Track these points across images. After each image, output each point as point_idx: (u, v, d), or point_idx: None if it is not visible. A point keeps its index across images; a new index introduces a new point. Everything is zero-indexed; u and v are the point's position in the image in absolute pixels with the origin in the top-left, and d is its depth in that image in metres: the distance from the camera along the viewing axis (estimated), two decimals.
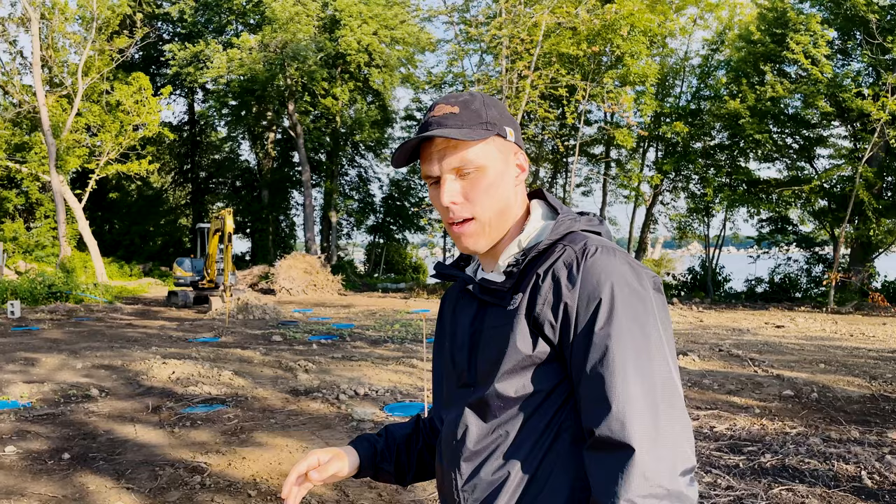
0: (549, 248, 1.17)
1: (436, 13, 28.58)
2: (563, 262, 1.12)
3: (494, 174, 1.20)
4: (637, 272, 1.12)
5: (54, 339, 11.41)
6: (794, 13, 21.30)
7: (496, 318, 1.19)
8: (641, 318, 1.08)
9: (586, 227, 1.22)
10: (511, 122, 1.25)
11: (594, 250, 1.12)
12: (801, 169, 24.81)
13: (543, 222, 1.25)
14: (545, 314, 1.11)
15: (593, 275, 1.10)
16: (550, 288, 1.12)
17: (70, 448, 5.24)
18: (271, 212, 36.56)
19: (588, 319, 1.08)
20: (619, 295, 1.08)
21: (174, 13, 32.74)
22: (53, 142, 24.06)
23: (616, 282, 1.09)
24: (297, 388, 7.52)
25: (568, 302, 1.10)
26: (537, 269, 1.15)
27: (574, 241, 1.16)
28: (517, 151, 1.25)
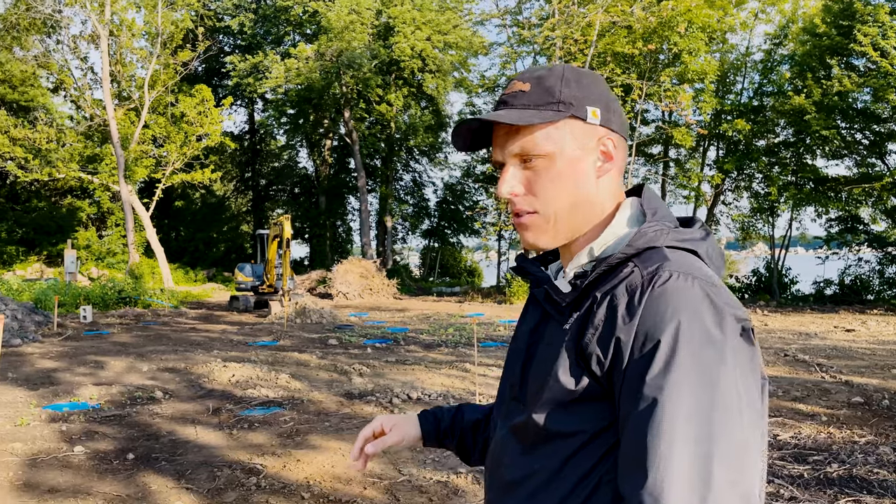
0: (620, 265, 0.98)
1: (488, 16, 28.62)
2: (626, 287, 0.93)
3: (564, 163, 1.03)
4: (718, 310, 0.89)
5: (123, 342, 11.88)
6: (861, 4, 20.44)
7: (552, 334, 1.04)
8: (710, 371, 0.85)
9: (678, 241, 0.99)
10: (601, 99, 1.05)
11: (666, 277, 0.91)
12: (871, 166, 23.75)
13: (627, 228, 1.04)
14: (593, 347, 0.94)
15: (658, 308, 0.89)
16: (605, 317, 0.94)
17: (134, 448, 5.44)
18: (328, 217, 37.23)
19: (641, 363, 0.88)
20: (684, 337, 0.86)
21: (234, 26, 33.74)
22: (122, 153, 25.11)
23: (685, 320, 0.87)
24: (351, 391, 7.62)
25: (621, 337, 0.90)
26: (598, 290, 0.97)
27: (649, 260, 0.95)
28: (603, 136, 1.05)
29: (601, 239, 1.04)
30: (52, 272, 28.88)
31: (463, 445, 1.37)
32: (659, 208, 1.05)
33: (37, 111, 31.09)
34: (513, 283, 23.44)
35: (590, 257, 1.05)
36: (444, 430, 1.37)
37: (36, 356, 10.06)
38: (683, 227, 1.04)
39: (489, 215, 29.79)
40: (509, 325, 14.83)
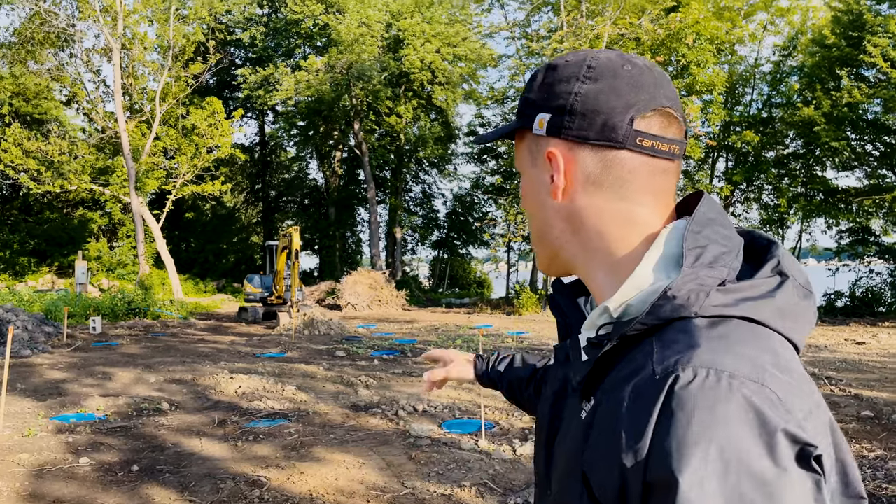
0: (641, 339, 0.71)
1: (497, 29, 28.76)
2: (633, 390, 0.66)
3: (526, 184, 0.86)
4: (768, 430, 0.60)
5: (131, 353, 11.94)
6: (870, 15, 20.40)
7: (570, 416, 0.81)
8: None
9: (724, 306, 0.69)
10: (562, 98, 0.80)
11: (688, 379, 0.63)
12: (882, 177, 23.60)
13: (654, 279, 0.75)
14: (594, 469, 0.69)
15: (678, 425, 0.61)
16: (607, 429, 0.68)
17: (139, 460, 5.46)
18: (338, 229, 37.37)
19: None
20: (720, 474, 0.59)
21: (245, 39, 34.08)
22: (133, 165, 25.35)
23: (722, 446, 0.59)
24: (357, 403, 7.62)
25: (626, 465, 0.64)
26: (609, 382, 0.72)
27: (669, 345, 0.67)
28: (548, 151, 0.80)
29: (620, 293, 0.75)
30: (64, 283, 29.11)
31: (513, 397, 1.42)
32: (709, 245, 0.74)
33: (50, 123, 31.47)
34: (522, 294, 23.40)
35: (608, 318, 0.77)
36: (491, 377, 1.44)
37: (45, 367, 10.13)
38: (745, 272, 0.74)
39: (499, 227, 29.79)
40: (517, 337, 14.80)
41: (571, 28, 22.58)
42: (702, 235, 0.74)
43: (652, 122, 0.78)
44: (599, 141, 0.78)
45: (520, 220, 24.34)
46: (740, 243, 0.77)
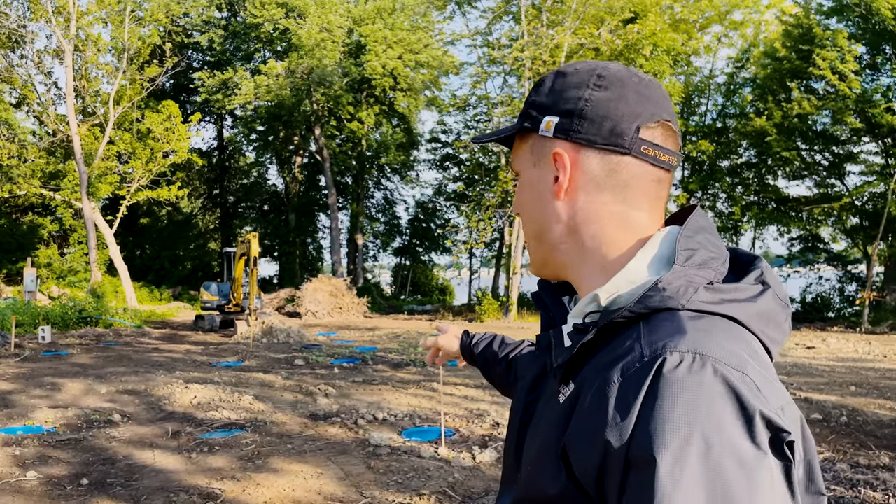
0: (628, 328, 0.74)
1: (459, 37, 28.93)
2: (621, 371, 0.69)
3: (525, 184, 0.89)
4: (750, 417, 0.63)
5: (82, 364, 11.59)
6: (820, 29, 21.11)
7: (547, 400, 0.83)
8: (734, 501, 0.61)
9: (709, 302, 0.74)
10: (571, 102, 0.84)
11: (675, 362, 0.67)
12: (831, 186, 24.42)
13: (647, 275, 0.79)
14: (577, 447, 0.71)
15: (661, 407, 0.64)
16: (593, 407, 0.70)
17: (89, 473, 5.29)
18: (298, 235, 36.98)
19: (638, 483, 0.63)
20: (699, 457, 0.62)
21: (203, 42, 33.56)
22: (85, 169, 24.68)
23: (702, 429, 0.63)
24: (316, 412, 7.52)
25: (611, 441, 0.66)
26: (594, 365, 0.75)
27: (657, 331, 0.71)
28: (560, 150, 0.84)
29: (611, 284, 0.80)
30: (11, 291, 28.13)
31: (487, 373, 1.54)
32: (699, 249, 0.78)
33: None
34: (483, 301, 23.48)
35: (596, 306, 0.80)
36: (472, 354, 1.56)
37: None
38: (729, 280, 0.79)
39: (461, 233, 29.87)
40: None
41: (532, 37, 22.82)
42: (694, 240, 0.80)
43: (655, 133, 0.84)
44: (606, 145, 0.83)
45: (481, 227, 24.45)
46: (727, 254, 0.83)
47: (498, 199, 24.52)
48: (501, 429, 6.75)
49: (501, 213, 25.24)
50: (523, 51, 22.79)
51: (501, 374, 1.45)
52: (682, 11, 24.73)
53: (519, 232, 23.74)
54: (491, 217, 24.62)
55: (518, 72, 24.68)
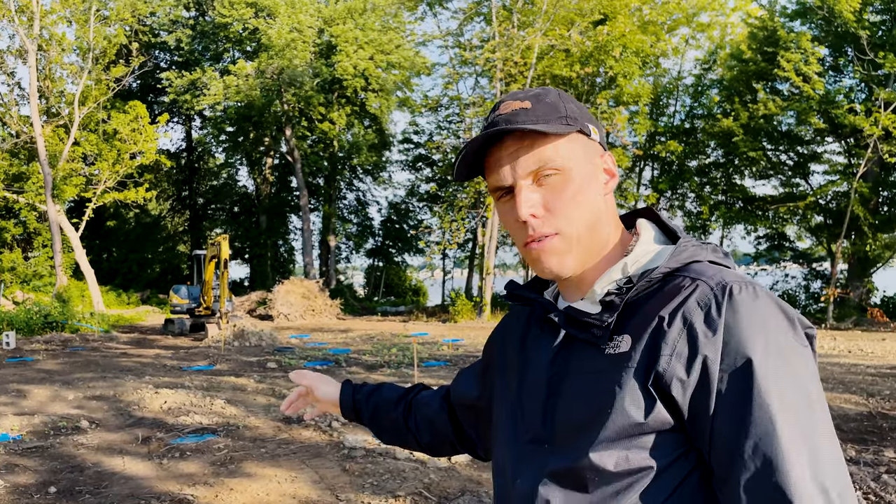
0: (668, 280, 0.92)
1: (430, 38, 28.92)
2: (698, 302, 0.87)
3: (581, 178, 0.97)
4: (792, 321, 0.87)
5: (48, 369, 11.34)
6: (784, 32, 21.53)
7: (589, 361, 0.94)
8: (805, 384, 0.84)
9: (715, 257, 0.96)
10: (593, 120, 1.02)
11: (738, 288, 0.87)
12: (796, 185, 24.93)
13: (657, 246, 0.99)
14: (675, 370, 0.86)
15: (741, 321, 0.85)
16: (682, 334, 0.86)
17: (57, 481, 5.18)
18: (269, 237, 36.62)
19: (739, 379, 0.83)
20: (774, 349, 0.84)
21: (171, 42, 33.08)
22: (50, 171, 24.15)
23: (771, 332, 0.85)
24: (289, 416, 7.46)
25: (708, 355, 0.84)
26: (659, 307, 0.90)
27: (705, 273, 0.91)
28: (603, 154, 1.02)
29: (633, 256, 0.97)
30: None
31: (376, 422, 1.40)
32: (681, 229, 1.02)
33: None
34: (457, 301, 23.50)
35: (623, 274, 0.96)
36: (358, 401, 1.40)
37: None
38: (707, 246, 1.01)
39: (434, 234, 29.87)
40: (453, 344, 14.83)
41: (503, 38, 22.92)
42: (673, 223, 1.03)
43: None
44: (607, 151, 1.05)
45: (454, 228, 24.47)
46: None
47: (471, 200, 24.56)
48: None
49: (474, 213, 25.30)
50: (495, 52, 22.86)
51: (396, 419, 1.37)
52: (650, 13, 25.03)
53: (492, 232, 23.81)
54: (464, 218, 24.65)
55: (490, 73, 24.76)
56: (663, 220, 1.03)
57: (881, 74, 20.65)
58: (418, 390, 1.41)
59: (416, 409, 1.36)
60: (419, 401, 1.37)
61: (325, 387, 1.44)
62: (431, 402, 1.35)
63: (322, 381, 1.45)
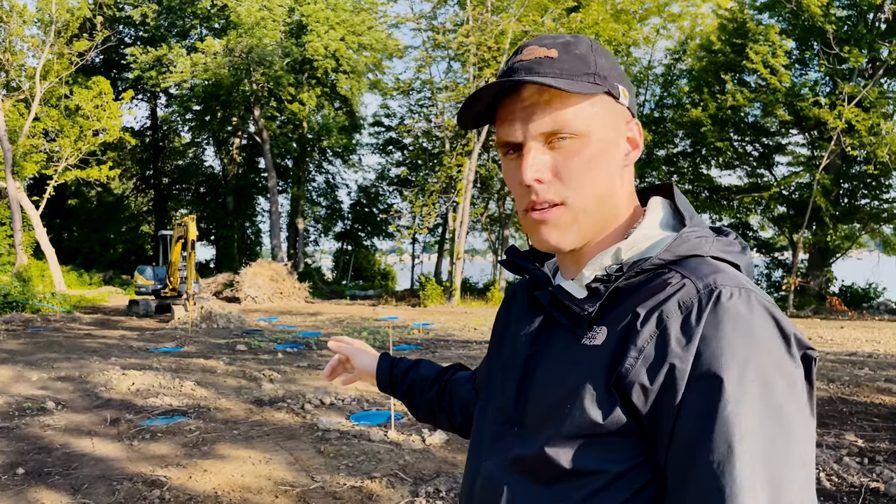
0: (658, 273, 0.84)
1: (403, 20, 28.65)
2: (679, 303, 0.79)
3: (599, 146, 0.87)
4: (786, 335, 0.78)
5: (9, 350, 11.07)
6: (753, 24, 21.83)
7: (563, 348, 0.88)
8: (785, 409, 0.75)
9: (722, 252, 0.86)
10: (625, 79, 0.91)
11: (728, 294, 0.77)
12: (760, 176, 25.40)
13: (661, 232, 0.90)
14: (637, 374, 0.78)
15: (722, 332, 0.75)
16: (653, 337, 0.78)
17: (24, 462, 5.07)
18: (236, 218, 36.13)
19: (705, 398, 0.74)
20: (755, 373, 0.74)
21: (136, 17, 32.23)
22: (10, 147, 23.43)
23: (755, 349, 0.75)
24: (261, 398, 7.40)
25: (676, 364, 0.76)
26: (638, 303, 0.82)
27: (698, 271, 0.81)
28: (630, 120, 0.91)
29: (630, 240, 0.88)
30: None
31: (410, 399, 1.38)
32: (693, 215, 0.91)
33: None
34: (427, 286, 23.51)
35: (615, 260, 0.88)
36: (395, 375, 1.39)
37: None
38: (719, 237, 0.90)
39: (403, 218, 29.77)
40: (423, 328, 14.85)
41: (477, 23, 22.82)
42: (687, 206, 0.93)
43: None
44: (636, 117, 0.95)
45: (425, 212, 24.43)
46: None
47: (442, 184, 24.52)
48: None
49: (445, 198, 25.27)
50: (468, 36, 22.77)
51: (431, 400, 1.34)
52: (623, 2, 25.15)
53: (463, 217, 23.84)
54: (435, 203, 24.62)
55: (463, 57, 24.66)
56: (678, 201, 0.93)
57: (845, 69, 21.11)
58: (455, 370, 1.37)
59: (451, 390, 1.33)
60: (454, 381, 1.34)
61: (362, 357, 1.44)
62: (465, 384, 1.32)
63: (360, 352, 1.45)
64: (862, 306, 21.52)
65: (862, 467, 5.01)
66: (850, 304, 21.51)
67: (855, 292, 22.94)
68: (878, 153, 19.66)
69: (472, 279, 31.40)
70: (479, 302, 23.92)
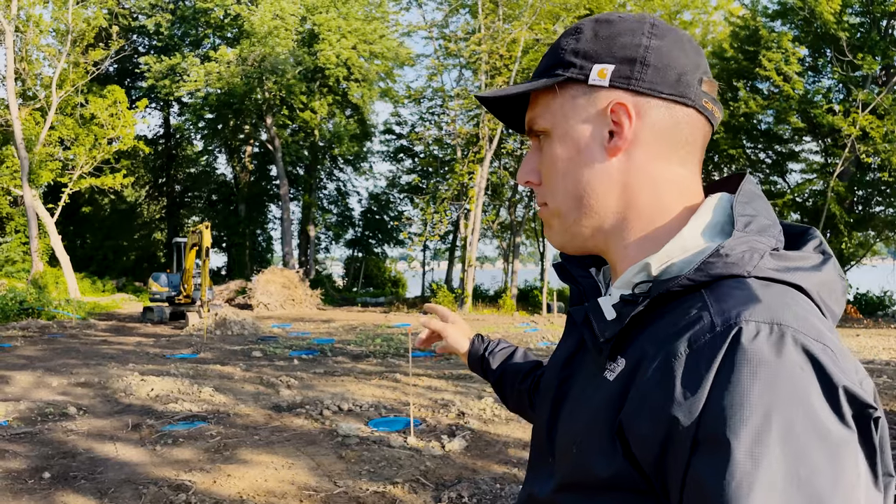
0: (685, 297, 0.69)
1: (415, 28, 28.81)
2: (689, 342, 0.63)
3: (560, 142, 0.78)
4: (834, 395, 0.59)
5: (28, 356, 11.17)
6: (766, 31, 21.80)
7: (589, 376, 0.77)
8: (817, 481, 0.56)
9: (777, 270, 0.68)
10: (627, 50, 0.75)
11: (752, 333, 0.61)
12: (773, 183, 25.30)
13: (703, 242, 0.73)
14: (637, 424, 0.65)
15: (736, 382, 0.59)
16: (657, 382, 0.64)
17: (50, 467, 5.13)
18: (248, 226, 36.32)
19: (711, 468, 0.58)
20: (777, 433, 0.57)
21: (150, 26, 32.54)
22: (26, 155, 23.69)
23: (779, 405, 0.57)
24: (279, 403, 7.44)
25: (679, 418, 0.61)
26: (653, 336, 0.68)
27: (724, 299, 0.65)
28: (614, 100, 0.75)
29: (663, 252, 0.73)
30: None
31: (500, 387, 1.33)
32: (757, 216, 0.73)
33: None
34: (438, 293, 23.52)
35: (645, 276, 0.74)
36: (485, 358, 1.35)
37: None
38: (790, 248, 0.73)
39: (414, 226, 29.84)
40: None
41: (489, 31, 22.91)
42: (750, 206, 0.74)
43: (712, 87, 0.78)
44: (672, 95, 0.75)
45: (436, 219, 24.47)
46: (779, 222, 0.76)
47: (453, 192, 24.57)
48: (467, 418, 6.80)
49: (457, 205, 25.32)
50: (480, 44, 22.86)
51: (521, 392, 1.26)
52: (634, 9, 25.19)
53: (475, 224, 23.87)
54: (446, 210, 24.67)
55: (475, 65, 24.74)
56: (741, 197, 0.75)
57: (859, 76, 21.03)
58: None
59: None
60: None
61: (455, 333, 1.39)
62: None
63: (453, 327, 1.41)
64: (877, 314, 21.35)
65: None
66: (866, 311, 21.34)
67: (870, 300, 22.77)
68: (892, 160, 19.56)
69: (483, 286, 31.38)
70: (490, 309, 23.90)
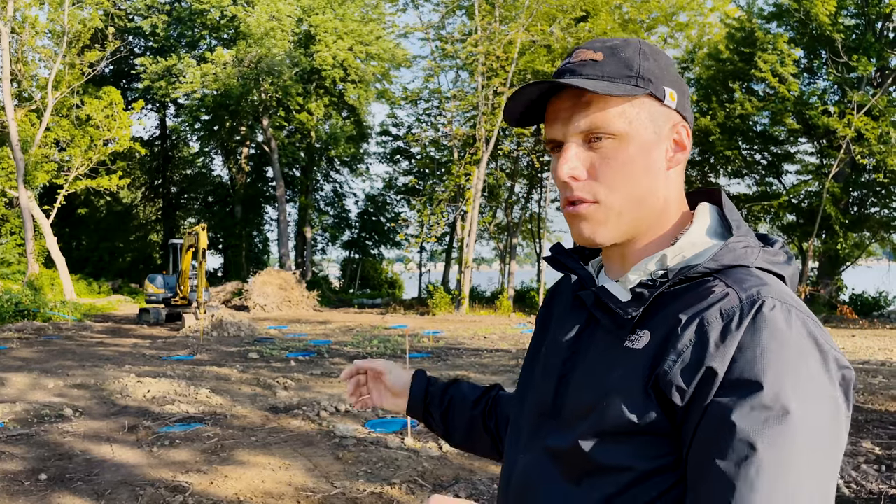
0: (702, 281, 0.85)
1: (412, 30, 28.81)
2: (721, 311, 0.80)
3: (637, 147, 0.89)
4: (825, 355, 0.78)
5: (24, 357, 11.14)
6: (761, 33, 21.87)
7: (604, 349, 0.90)
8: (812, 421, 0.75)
9: (767, 263, 0.87)
10: (676, 81, 0.92)
11: (770, 306, 0.79)
12: (769, 184, 25.37)
13: (708, 240, 0.91)
14: (675, 376, 0.80)
15: (759, 342, 0.77)
16: (692, 342, 0.80)
17: (46, 469, 5.12)
18: (244, 227, 36.26)
19: (735, 403, 0.75)
20: (791, 382, 0.75)
21: (146, 27, 32.50)
22: (22, 157, 23.63)
23: (792, 362, 0.76)
24: (276, 405, 7.44)
25: (713, 366, 0.77)
26: (681, 309, 0.84)
27: (742, 281, 0.83)
28: (678, 123, 0.92)
29: (676, 247, 0.90)
30: None
31: (447, 416, 1.29)
32: (741, 222, 0.92)
33: None
34: (435, 294, 23.53)
35: (660, 266, 0.90)
36: (432, 393, 1.29)
37: None
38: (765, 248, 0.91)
39: (411, 227, 29.84)
40: (434, 337, 14.87)
41: (486, 33, 22.93)
42: (734, 213, 0.93)
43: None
44: (689, 125, 0.94)
45: (433, 221, 24.47)
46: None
47: (450, 193, 24.58)
48: None
49: (453, 207, 25.33)
50: (477, 46, 22.88)
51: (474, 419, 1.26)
52: (630, 12, 25.25)
53: (472, 226, 23.87)
54: (443, 211, 24.68)
55: (471, 67, 24.77)
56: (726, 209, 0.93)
57: (854, 77, 21.11)
58: (498, 389, 1.30)
59: (497, 410, 1.26)
60: (500, 399, 1.27)
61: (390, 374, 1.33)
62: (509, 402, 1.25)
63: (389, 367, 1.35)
64: (872, 315, 21.43)
65: (880, 474, 5.01)
66: (861, 312, 21.42)
67: (865, 301, 22.85)
68: (887, 161, 19.63)
69: (480, 287, 31.40)
70: (487, 310, 23.92)
